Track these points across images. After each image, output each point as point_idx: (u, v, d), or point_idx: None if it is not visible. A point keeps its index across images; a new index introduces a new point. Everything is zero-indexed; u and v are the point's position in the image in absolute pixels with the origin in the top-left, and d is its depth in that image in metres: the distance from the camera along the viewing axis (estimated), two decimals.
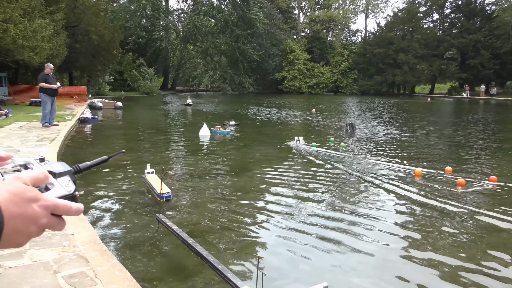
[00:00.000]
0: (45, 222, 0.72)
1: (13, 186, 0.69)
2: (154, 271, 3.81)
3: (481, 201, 6.14)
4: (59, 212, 0.74)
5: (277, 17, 63.49)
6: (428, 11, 59.54)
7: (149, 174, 6.48)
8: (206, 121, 14.04)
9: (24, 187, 0.70)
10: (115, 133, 14.72)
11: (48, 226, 0.73)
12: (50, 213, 0.72)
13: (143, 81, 47.13)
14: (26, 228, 0.69)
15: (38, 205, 0.70)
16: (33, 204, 0.70)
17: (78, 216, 4.40)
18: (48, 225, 0.73)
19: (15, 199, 0.67)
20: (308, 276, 3.77)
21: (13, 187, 0.69)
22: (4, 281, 2.97)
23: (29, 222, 0.69)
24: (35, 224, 0.70)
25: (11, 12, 19.01)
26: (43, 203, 0.71)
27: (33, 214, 0.69)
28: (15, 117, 15.25)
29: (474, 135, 14.41)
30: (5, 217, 0.65)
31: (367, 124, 17.61)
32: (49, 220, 0.72)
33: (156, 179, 6.21)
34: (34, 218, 0.70)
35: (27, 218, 0.69)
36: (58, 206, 0.73)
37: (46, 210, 0.71)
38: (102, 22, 36.88)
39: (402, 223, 5.16)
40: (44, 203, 0.71)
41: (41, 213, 0.70)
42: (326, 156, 9.64)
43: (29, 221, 0.69)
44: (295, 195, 6.34)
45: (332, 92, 62.60)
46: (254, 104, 31.66)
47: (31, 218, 0.69)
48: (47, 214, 0.72)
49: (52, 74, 12.79)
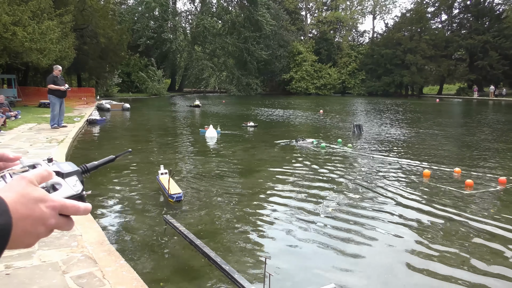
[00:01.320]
0: (53, 223, 0.71)
1: (19, 186, 0.69)
2: (161, 272, 3.82)
3: (490, 203, 6.09)
4: (67, 212, 0.74)
5: (284, 18, 63.44)
6: (436, 11, 59.19)
7: (162, 175, 6.47)
8: (212, 123, 14.07)
9: (31, 187, 0.70)
10: (123, 134, 14.79)
11: (56, 227, 0.73)
12: (58, 214, 0.72)
13: (150, 82, 47.31)
14: (35, 228, 0.69)
15: (46, 206, 0.70)
16: (41, 205, 0.69)
17: (86, 217, 4.43)
18: (56, 225, 0.73)
19: (23, 200, 0.67)
20: (315, 278, 3.76)
21: (19, 187, 0.68)
22: (14, 282, 2.99)
23: (37, 223, 0.69)
24: (44, 224, 0.70)
25: (20, 14, 19.19)
26: (50, 203, 0.71)
27: (41, 215, 0.69)
28: (24, 119, 15.39)
29: (483, 136, 14.30)
30: (14, 218, 0.65)
31: (374, 125, 17.53)
32: (57, 221, 0.72)
33: (167, 179, 6.24)
34: (42, 219, 0.69)
35: (36, 219, 0.68)
36: (66, 207, 0.73)
37: (54, 211, 0.71)
38: (110, 25, 37.13)
39: (409, 225, 5.12)
40: (52, 204, 0.71)
41: (49, 213, 0.70)
42: (333, 157, 9.61)
43: (38, 222, 0.69)
44: (302, 196, 6.32)
45: (339, 93, 62.47)
46: (262, 105, 31.67)
47: (40, 218, 0.69)
48: (55, 215, 0.71)
49: (61, 76, 12.88)
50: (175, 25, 53.64)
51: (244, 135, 13.81)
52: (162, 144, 12.02)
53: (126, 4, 51.71)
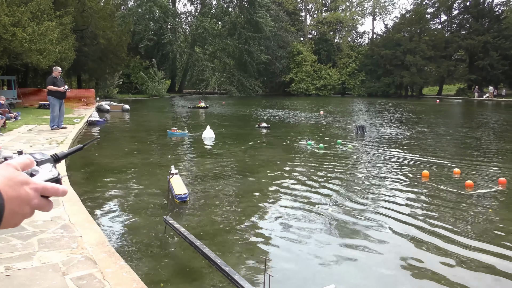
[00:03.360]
0: (36, 203, 0.80)
1: (6, 172, 0.77)
2: (161, 273, 3.82)
3: (490, 204, 6.09)
4: (48, 194, 0.83)
5: (284, 19, 63.42)
6: (436, 12, 59.15)
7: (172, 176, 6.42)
8: (209, 124, 14.07)
9: (16, 172, 0.78)
10: (122, 135, 14.80)
11: (38, 207, 0.82)
12: (40, 195, 0.81)
13: (150, 83, 47.29)
14: (22, 209, 0.78)
15: (30, 188, 0.79)
16: (25, 187, 0.78)
17: (86, 218, 4.43)
18: (39, 205, 0.81)
19: (10, 183, 0.75)
20: (316, 278, 3.76)
21: (6, 172, 0.76)
22: (14, 283, 2.99)
23: (23, 204, 0.77)
24: (28, 204, 0.79)
25: (20, 15, 19.22)
26: (33, 186, 0.79)
27: (26, 196, 0.78)
28: (24, 120, 15.39)
29: (482, 136, 14.30)
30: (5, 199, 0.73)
31: (376, 126, 17.54)
32: (39, 201, 0.81)
33: (177, 180, 6.23)
34: (27, 200, 0.78)
35: (22, 200, 0.77)
36: (47, 188, 0.82)
37: (36, 192, 0.80)
38: (110, 26, 37.16)
39: (409, 225, 5.12)
40: (35, 186, 0.80)
41: (32, 194, 0.79)
42: (334, 157, 9.61)
43: (23, 203, 0.77)
44: (303, 197, 6.32)
45: (339, 94, 62.44)
46: (262, 106, 31.65)
47: (25, 199, 0.78)
48: (37, 196, 0.80)
49: (60, 77, 12.89)
50: (175, 27, 53.63)
51: (258, 136, 13.78)
52: (161, 145, 12.02)
53: (125, 6, 51.68)
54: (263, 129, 15.60)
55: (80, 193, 5.87)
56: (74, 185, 6.11)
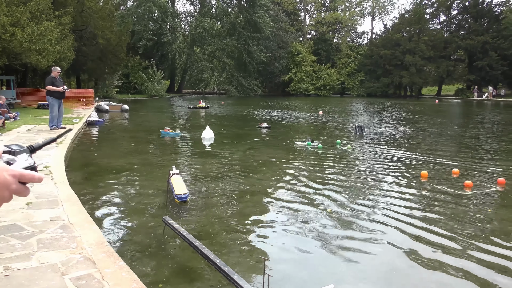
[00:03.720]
0: (14, 188, 0.88)
1: None
2: (160, 273, 3.82)
3: (489, 204, 6.10)
4: (25, 180, 0.90)
5: (283, 19, 63.40)
6: (435, 12, 59.18)
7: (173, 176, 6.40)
8: (209, 124, 14.07)
9: None
10: (122, 135, 14.79)
11: (16, 192, 0.89)
12: (18, 181, 0.88)
13: (150, 83, 47.24)
14: (2, 193, 0.85)
15: (8, 174, 0.86)
16: (4, 173, 0.86)
17: (85, 218, 4.43)
18: (17, 191, 0.89)
19: None
20: (314, 279, 3.76)
21: None
22: (13, 283, 2.99)
23: (3, 188, 0.85)
24: (8, 189, 0.86)
25: (19, 16, 19.20)
26: (11, 172, 0.87)
27: (5, 181, 0.85)
28: (23, 120, 15.38)
29: (481, 136, 14.31)
30: None
31: (375, 126, 17.54)
32: (17, 187, 0.88)
33: (177, 180, 6.22)
34: (6, 184, 0.86)
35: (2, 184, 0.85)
36: (24, 175, 0.90)
37: (15, 178, 0.87)
38: (109, 26, 37.13)
39: (408, 225, 5.12)
40: (13, 172, 0.87)
41: (11, 180, 0.86)
42: (333, 158, 9.62)
43: (3, 187, 0.85)
44: (302, 197, 6.33)
45: (338, 94, 62.45)
46: (261, 107, 31.64)
47: (4, 184, 0.85)
48: (16, 181, 0.88)
49: (59, 77, 12.87)
50: (174, 27, 53.59)
51: (259, 136, 13.78)
52: (160, 145, 12.02)
53: (124, 6, 51.60)
54: (264, 129, 15.61)
55: (80, 193, 5.87)
56: (74, 185, 6.11)
